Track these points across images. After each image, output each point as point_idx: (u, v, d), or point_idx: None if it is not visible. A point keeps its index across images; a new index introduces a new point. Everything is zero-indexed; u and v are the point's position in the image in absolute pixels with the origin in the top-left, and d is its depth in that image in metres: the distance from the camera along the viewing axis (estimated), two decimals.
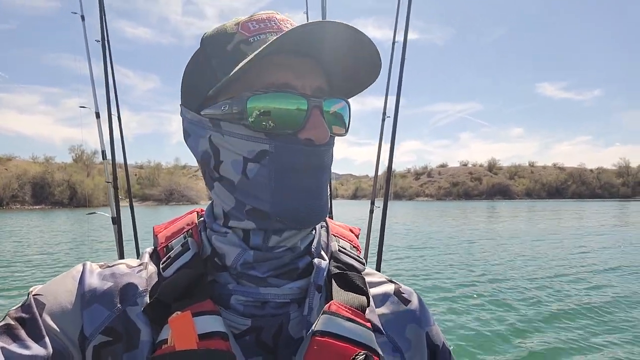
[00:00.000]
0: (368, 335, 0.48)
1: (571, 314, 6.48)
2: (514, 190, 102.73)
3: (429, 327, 0.58)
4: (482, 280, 8.85)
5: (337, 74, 0.54)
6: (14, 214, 41.91)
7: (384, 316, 0.56)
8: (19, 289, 8.21)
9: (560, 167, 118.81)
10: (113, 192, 3.24)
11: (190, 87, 0.54)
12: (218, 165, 0.51)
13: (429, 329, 0.58)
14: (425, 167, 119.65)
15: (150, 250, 0.59)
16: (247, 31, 0.50)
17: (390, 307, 0.57)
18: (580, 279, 8.96)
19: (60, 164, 66.92)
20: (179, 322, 0.44)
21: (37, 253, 12.96)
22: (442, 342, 0.59)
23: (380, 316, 0.55)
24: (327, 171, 0.52)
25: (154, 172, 79.89)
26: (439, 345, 0.58)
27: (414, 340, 0.56)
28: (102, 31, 3.05)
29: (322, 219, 0.51)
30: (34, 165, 63.90)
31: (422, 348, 0.56)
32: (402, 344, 0.55)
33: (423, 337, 0.56)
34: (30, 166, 62.35)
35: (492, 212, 39.14)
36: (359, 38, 0.47)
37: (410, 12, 3.33)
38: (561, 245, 14.47)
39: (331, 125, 0.52)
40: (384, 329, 0.54)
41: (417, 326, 0.57)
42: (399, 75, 3.32)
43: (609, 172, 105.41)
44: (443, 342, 0.59)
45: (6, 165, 61.80)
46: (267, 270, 0.51)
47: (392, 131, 3.42)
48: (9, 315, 0.47)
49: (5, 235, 18.92)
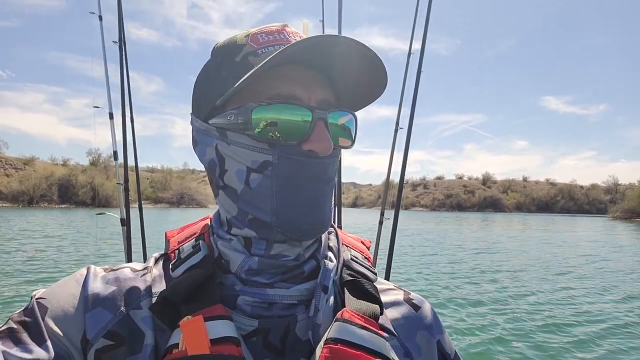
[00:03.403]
0: (382, 344, 0.45)
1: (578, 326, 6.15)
2: (505, 204, 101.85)
3: (441, 335, 0.55)
4: (491, 291, 8.52)
5: (344, 87, 0.52)
6: (43, 210, 42.96)
7: (394, 321, 0.54)
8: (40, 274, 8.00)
9: (552, 182, 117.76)
10: (124, 193, 3.01)
11: (200, 97, 0.52)
12: (223, 174, 0.50)
13: (440, 337, 0.55)
14: (423, 178, 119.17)
15: (158, 255, 0.57)
16: (256, 43, 0.48)
17: (401, 313, 0.55)
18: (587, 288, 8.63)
19: (82, 167, 67.76)
20: (191, 327, 0.42)
21: (56, 248, 12.79)
22: (454, 351, 0.56)
23: (391, 321, 0.53)
24: (331, 183, 0.50)
25: (166, 176, 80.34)
26: (450, 354, 0.55)
27: (424, 348, 0.53)
28: (119, 33, 2.86)
29: (323, 232, 0.49)
30: (60, 168, 64.94)
31: (432, 356, 0.54)
32: (412, 350, 0.52)
33: (434, 345, 0.54)
34: (55, 168, 63.47)
35: (483, 223, 39.07)
36: (363, 51, 0.45)
37: (428, 25, 3.11)
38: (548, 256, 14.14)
39: (338, 137, 0.50)
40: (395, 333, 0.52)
41: (428, 333, 0.54)
42: (415, 87, 3.08)
43: (598, 188, 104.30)
44: (455, 351, 0.56)
45: (32, 166, 62.93)
46: (271, 277, 0.49)
47: (405, 142, 3.17)
48: (11, 319, 0.46)
49: (39, 228, 19.45)
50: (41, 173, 59.44)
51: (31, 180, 56.55)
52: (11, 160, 63.39)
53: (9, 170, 61.04)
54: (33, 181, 56.49)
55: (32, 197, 55.36)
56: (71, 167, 68.04)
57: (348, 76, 0.50)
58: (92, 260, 10.66)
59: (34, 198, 55.48)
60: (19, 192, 54.60)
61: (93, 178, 62.66)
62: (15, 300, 6.88)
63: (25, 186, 55.30)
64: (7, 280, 8.33)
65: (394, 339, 0.51)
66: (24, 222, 23.86)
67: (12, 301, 6.81)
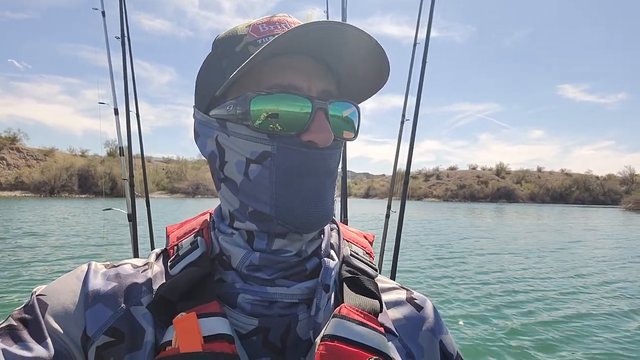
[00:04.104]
0: (380, 340, 0.44)
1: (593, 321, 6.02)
2: (519, 195, 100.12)
3: (443, 336, 0.54)
4: (499, 289, 8.40)
5: (346, 77, 0.51)
6: (65, 200, 44.18)
7: (396, 321, 0.52)
8: None
9: (567, 173, 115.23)
10: (129, 189, 3.01)
11: (201, 88, 0.51)
12: (223, 166, 0.49)
13: (442, 337, 0.54)
14: (437, 169, 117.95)
15: (159, 251, 0.56)
16: (256, 33, 0.47)
17: (403, 313, 0.53)
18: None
19: (100, 158, 69.07)
20: (184, 324, 0.41)
21: (73, 235, 13.10)
22: (456, 351, 0.55)
23: (393, 321, 0.52)
24: (332, 175, 0.49)
25: (182, 167, 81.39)
26: (452, 354, 0.54)
27: (427, 348, 0.52)
28: (122, 29, 2.83)
29: (324, 224, 0.48)
30: (79, 159, 66.42)
31: (435, 356, 0.52)
32: (415, 350, 0.51)
33: (437, 345, 0.53)
34: (75, 159, 64.92)
35: (494, 213, 38.58)
36: (364, 39, 0.44)
37: (432, 13, 3.00)
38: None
39: (341, 129, 0.49)
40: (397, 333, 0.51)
41: (430, 333, 0.53)
42: (420, 77, 2.98)
43: (614, 179, 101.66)
44: (457, 352, 0.55)
45: (52, 157, 64.56)
46: (273, 273, 0.48)
47: (411, 135, 3.08)
48: (12, 316, 0.45)
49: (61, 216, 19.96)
50: (61, 164, 60.95)
51: (52, 171, 58.11)
52: (32, 152, 65.02)
53: (31, 161, 62.67)
54: (54, 172, 58.04)
55: (54, 187, 56.93)
56: (90, 158, 69.41)
57: (350, 66, 0.48)
58: (99, 253, 10.81)
59: (55, 188, 57.04)
60: (40, 183, 56.13)
61: (112, 169, 64.16)
62: None
63: (47, 177, 56.82)
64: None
65: (396, 340, 0.49)
66: (48, 211, 24.49)
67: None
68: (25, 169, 59.64)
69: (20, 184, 56.76)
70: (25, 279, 7.61)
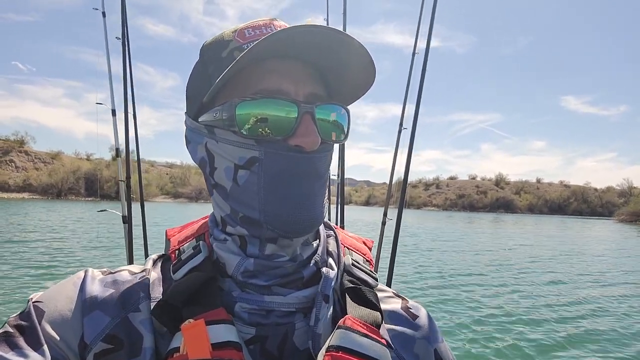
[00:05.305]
0: (384, 352, 0.43)
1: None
2: (517, 205, 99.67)
3: (438, 344, 0.53)
4: (494, 295, 8.27)
5: (335, 80, 0.50)
6: (71, 203, 44.59)
7: (391, 331, 0.52)
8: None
9: (566, 184, 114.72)
10: (126, 190, 2.96)
11: (190, 95, 0.51)
12: (213, 172, 0.49)
13: (437, 345, 0.53)
14: (437, 178, 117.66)
15: (155, 257, 0.55)
16: (242, 38, 0.47)
17: (398, 323, 0.53)
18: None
19: (105, 162, 69.37)
20: (193, 331, 0.40)
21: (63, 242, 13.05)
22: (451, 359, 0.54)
23: (388, 331, 0.51)
24: (321, 179, 0.48)
25: (185, 173, 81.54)
26: None
27: (422, 356, 0.51)
28: (122, 29, 2.79)
29: (314, 228, 0.47)
30: (85, 162, 66.86)
31: None
32: (410, 359, 0.50)
33: (432, 354, 0.52)
34: (81, 163, 65.39)
35: (492, 223, 38.41)
36: (347, 41, 0.43)
37: (433, 22, 2.96)
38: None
39: (329, 132, 0.48)
40: (392, 345, 0.50)
41: (425, 342, 0.52)
42: (419, 86, 2.93)
43: (613, 191, 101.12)
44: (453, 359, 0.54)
45: (59, 161, 65.02)
46: (269, 279, 0.47)
47: (409, 143, 3.03)
48: (8, 323, 0.44)
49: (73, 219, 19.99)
50: (68, 167, 61.51)
51: (59, 174, 58.60)
52: (40, 155, 65.55)
53: (38, 164, 63.22)
54: (61, 175, 58.55)
55: (61, 190, 57.39)
56: (95, 161, 69.76)
57: (336, 68, 0.47)
58: (94, 255, 10.69)
59: (62, 191, 57.52)
60: (48, 185, 56.62)
61: (117, 173, 65.11)
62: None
63: (54, 179, 57.26)
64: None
65: (392, 351, 0.48)
66: (53, 213, 24.42)
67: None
68: (33, 172, 60.09)
69: (28, 186, 57.36)
70: (20, 282, 7.54)
